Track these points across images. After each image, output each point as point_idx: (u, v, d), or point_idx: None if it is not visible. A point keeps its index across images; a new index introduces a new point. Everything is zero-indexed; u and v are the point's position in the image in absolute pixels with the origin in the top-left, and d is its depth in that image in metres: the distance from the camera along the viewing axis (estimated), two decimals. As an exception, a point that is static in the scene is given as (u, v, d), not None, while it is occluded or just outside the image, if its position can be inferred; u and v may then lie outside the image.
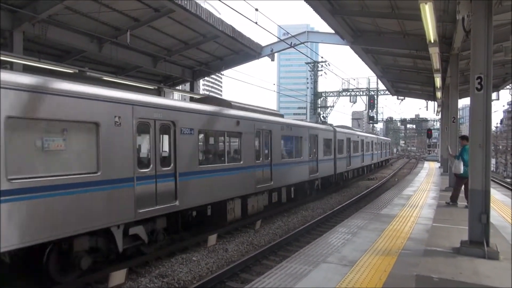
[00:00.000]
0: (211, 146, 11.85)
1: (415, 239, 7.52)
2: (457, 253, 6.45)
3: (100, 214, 7.07)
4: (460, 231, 7.77)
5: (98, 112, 7.14)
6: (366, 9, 12.29)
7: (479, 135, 6.33)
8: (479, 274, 5.50)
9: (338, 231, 8.25)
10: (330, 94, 44.14)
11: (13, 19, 12.41)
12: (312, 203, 17.11)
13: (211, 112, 10.74)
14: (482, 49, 6.27)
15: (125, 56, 16.95)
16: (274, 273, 5.56)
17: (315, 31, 24.57)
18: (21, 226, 5.77)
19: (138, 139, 8.15)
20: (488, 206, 6.29)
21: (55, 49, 15.95)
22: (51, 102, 6.34)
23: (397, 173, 36.38)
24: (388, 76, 24.39)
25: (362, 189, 22.88)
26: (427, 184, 17.84)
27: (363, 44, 15.88)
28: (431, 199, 12.96)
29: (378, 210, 10.88)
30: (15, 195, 5.73)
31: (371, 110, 42.42)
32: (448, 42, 13.63)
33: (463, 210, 9.40)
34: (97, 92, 7.22)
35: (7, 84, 5.72)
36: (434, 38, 9.97)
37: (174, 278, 7.72)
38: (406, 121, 75.77)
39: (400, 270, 5.66)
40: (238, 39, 17.97)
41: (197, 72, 22.75)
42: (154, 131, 8.52)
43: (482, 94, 6.27)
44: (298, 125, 16.97)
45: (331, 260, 6.14)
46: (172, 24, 15.70)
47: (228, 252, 9.53)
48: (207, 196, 10.27)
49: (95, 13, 13.11)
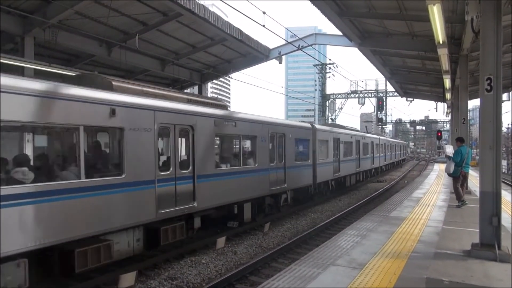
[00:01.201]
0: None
1: (425, 241, 7.46)
2: (468, 256, 6.38)
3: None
4: (471, 234, 7.69)
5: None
6: (373, 11, 12.25)
7: (489, 137, 6.27)
8: (491, 277, 5.43)
9: (347, 233, 8.22)
10: (338, 96, 44.07)
11: (24, 25, 12.60)
12: (321, 206, 17.04)
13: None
14: (492, 50, 6.21)
15: (134, 59, 17.09)
16: (283, 276, 5.55)
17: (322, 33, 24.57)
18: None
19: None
20: (499, 208, 6.21)
21: (65, 54, 16.16)
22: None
23: (406, 175, 36.11)
24: (396, 77, 24.25)
25: (371, 191, 22.73)
26: (437, 186, 17.69)
27: (371, 45, 15.81)
28: (441, 201, 12.84)
29: (388, 212, 10.82)
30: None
31: (380, 112, 42.22)
32: (457, 43, 13.52)
33: (474, 212, 9.28)
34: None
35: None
36: (443, 39, 9.90)
37: (183, 281, 7.74)
38: (416, 122, 75.25)
39: (410, 273, 5.61)
40: (246, 42, 18.03)
41: (205, 75, 22.85)
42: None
43: (492, 95, 6.20)
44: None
45: (340, 263, 6.11)
46: (180, 28, 15.82)
47: (237, 255, 9.54)
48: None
49: (104, 18, 13.26)
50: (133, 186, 7.63)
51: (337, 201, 18.60)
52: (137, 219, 7.81)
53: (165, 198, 8.42)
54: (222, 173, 10.66)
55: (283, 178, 13.79)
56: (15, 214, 5.67)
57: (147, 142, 7.99)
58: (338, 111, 43.79)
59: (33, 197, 5.88)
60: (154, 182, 8.14)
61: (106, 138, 8.39)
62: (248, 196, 11.70)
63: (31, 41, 12.88)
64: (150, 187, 8.05)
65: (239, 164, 11.65)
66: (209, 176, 9.97)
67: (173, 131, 8.83)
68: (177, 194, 8.77)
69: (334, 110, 43.56)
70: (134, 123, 7.70)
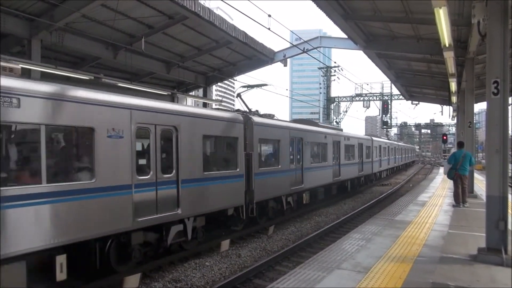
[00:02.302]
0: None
1: (430, 245, 7.41)
2: (474, 261, 6.33)
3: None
4: (477, 238, 7.62)
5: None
6: (379, 14, 12.22)
7: (496, 140, 6.23)
8: (497, 282, 5.38)
9: (352, 237, 8.18)
10: (343, 99, 43.96)
11: (31, 28, 12.70)
12: (325, 209, 16.99)
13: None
14: (498, 53, 6.18)
15: (140, 62, 17.16)
16: (288, 279, 5.53)
17: (327, 36, 24.48)
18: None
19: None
20: (506, 212, 6.17)
21: (71, 56, 16.27)
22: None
23: (411, 178, 35.94)
24: (401, 80, 24.15)
25: (376, 194, 22.64)
26: (442, 190, 17.58)
27: (376, 48, 15.78)
28: (447, 205, 12.76)
29: (393, 216, 10.76)
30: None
31: (385, 115, 42.06)
32: (463, 46, 13.46)
33: (480, 217, 9.20)
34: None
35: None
36: (449, 42, 9.86)
37: (187, 283, 7.74)
38: (421, 126, 74.81)
39: (416, 277, 5.57)
40: (251, 45, 18.05)
41: (210, 78, 22.90)
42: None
43: (499, 99, 6.17)
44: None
45: (345, 267, 6.08)
46: (185, 31, 15.88)
47: (241, 258, 9.52)
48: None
49: (110, 21, 13.34)
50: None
51: (342, 205, 18.54)
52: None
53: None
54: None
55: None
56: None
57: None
58: (343, 114, 43.70)
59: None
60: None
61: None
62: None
63: (38, 43, 12.97)
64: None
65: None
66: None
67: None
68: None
69: (339, 113, 43.47)
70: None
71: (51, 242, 6.12)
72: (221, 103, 14.40)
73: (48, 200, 6.10)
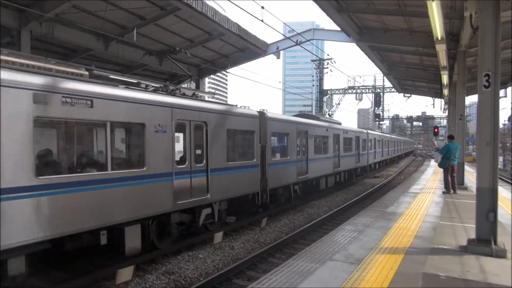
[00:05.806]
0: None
1: (421, 237, 7.50)
2: (464, 251, 6.42)
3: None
4: (467, 229, 7.75)
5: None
6: (372, 6, 12.22)
7: (486, 133, 6.29)
8: (487, 272, 5.47)
9: (344, 229, 8.25)
10: (336, 91, 44.03)
11: (20, 18, 12.50)
12: (318, 201, 17.10)
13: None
14: (490, 46, 6.22)
15: (131, 54, 17.01)
16: (281, 271, 5.57)
17: (320, 29, 24.47)
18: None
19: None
20: (496, 204, 6.26)
21: (62, 48, 16.05)
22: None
23: (403, 171, 36.24)
24: (394, 73, 24.22)
25: (368, 187, 22.81)
26: (433, 182, 17.76)
27: (369, 41, 15.78)
28: (438, 196, 12.90)
29: (384, 208, 10.86)
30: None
31: (377, 108, 42.27)
32: (455, 39, 13.51)
33: (470, 208, 9.34)
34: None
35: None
36: (441, 35, 9.90)
37: (180, 275, 7.76)
38: (413, 118, 75.31)
39: (407, 268, 5.65)
40: (244, 37, 17.97)
41: (202, 70, 22.78)
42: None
43: (490, 92, 6.22)
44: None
45: (338, 258, 6.14)
46: (178, 22, 15.74)
47: (234, 250, 9.57)
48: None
49: (101, 12, 13.17)
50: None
51: (334, 197, 18.66)
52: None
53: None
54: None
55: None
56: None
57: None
58: (336, 106, 43.80)
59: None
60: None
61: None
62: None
63: (28, 35, 12.78)
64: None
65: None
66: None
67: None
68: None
69: (332, 105, 43.56)
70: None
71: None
72: (214, 95, 14.27)
73: (113, 184, 7.31)
